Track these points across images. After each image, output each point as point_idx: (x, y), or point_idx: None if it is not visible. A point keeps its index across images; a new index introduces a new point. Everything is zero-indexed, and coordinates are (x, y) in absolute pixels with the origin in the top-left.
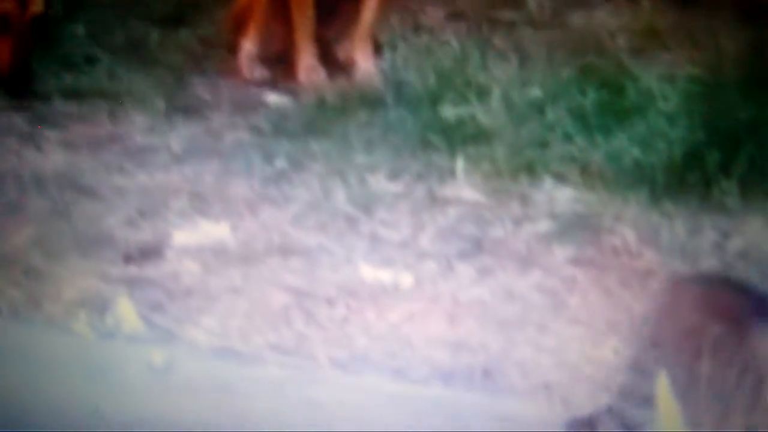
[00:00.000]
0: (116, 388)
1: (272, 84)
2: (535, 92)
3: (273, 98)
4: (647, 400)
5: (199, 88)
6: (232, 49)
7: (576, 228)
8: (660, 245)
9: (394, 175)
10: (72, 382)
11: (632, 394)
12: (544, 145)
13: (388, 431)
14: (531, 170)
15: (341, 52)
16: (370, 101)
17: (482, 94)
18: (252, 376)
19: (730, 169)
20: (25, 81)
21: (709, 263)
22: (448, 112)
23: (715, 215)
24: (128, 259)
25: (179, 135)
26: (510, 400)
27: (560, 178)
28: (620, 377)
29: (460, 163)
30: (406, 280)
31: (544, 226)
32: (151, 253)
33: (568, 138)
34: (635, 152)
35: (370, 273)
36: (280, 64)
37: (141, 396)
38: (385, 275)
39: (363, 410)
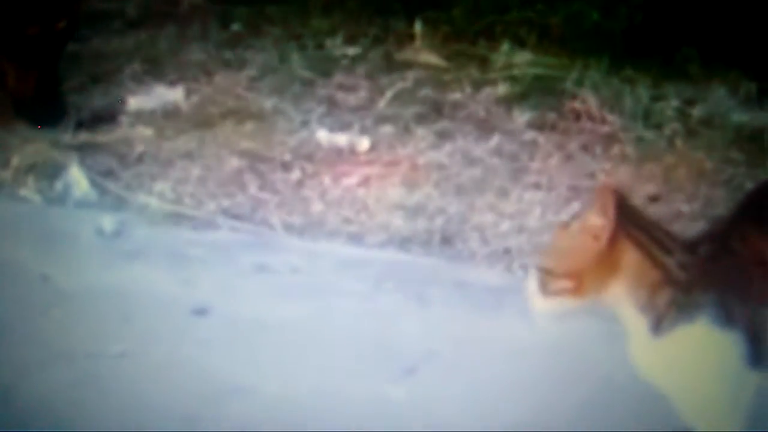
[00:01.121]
0: (65, 255)
1: None
2: None
3: None
4: None
5: None
6: None
7: (536, 92)
8: (623, 110)
9: (351, 39)
10: (20, 248)
11: None
12: (502, 8)
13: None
14: (489, 33)
15: None
16: None
17: None
18: (204, 241)
19: (692, 36)
20: (52, 107)
21: (673, 129)
22: None
23: (678, 82)
24: (80, 125)
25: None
26: (469, 265)
27: (519, 41)
28: None
29: (418, 27)
30: (363, 144)
31: (503, 89)
32: (104, 118)
33: (526, 1)
34: (595, 17)
35: (326, 137)
36: None
37: (90, 262)
38: (341, 139)
39: (317, 275)
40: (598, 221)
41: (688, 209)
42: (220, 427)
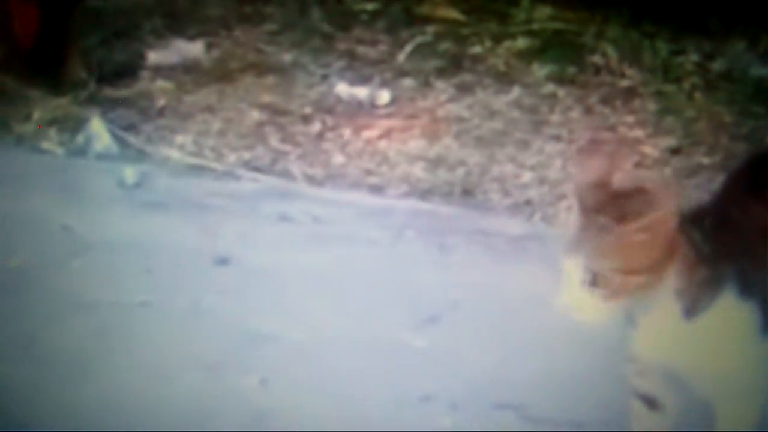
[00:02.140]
0: (87, 206)
1: None
2: None
3: None
4: None
5: None
6: None
7: (556, 45)
8: (642, 64)
9: None
10: (42, 200)
11: None
12: None
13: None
14: None
15: None
16: None
17: None
18: (226, 191)
19: None
20: (52, 56)
21: (693, 83)
22: None
23: (698, 36)
24: (102, 79)
25: None
26: (490, 215)
27: None
28: None
29: None
30: (383, 97)
31: (523, 43)
32: (125, 73)
33: None
34: None
35: (346, 90)
36: None
37: (112, 213)
38: (361, 92)
39: (339, 224)
40: (669, 213)
41: (708, 162)
42: (244, 376)
